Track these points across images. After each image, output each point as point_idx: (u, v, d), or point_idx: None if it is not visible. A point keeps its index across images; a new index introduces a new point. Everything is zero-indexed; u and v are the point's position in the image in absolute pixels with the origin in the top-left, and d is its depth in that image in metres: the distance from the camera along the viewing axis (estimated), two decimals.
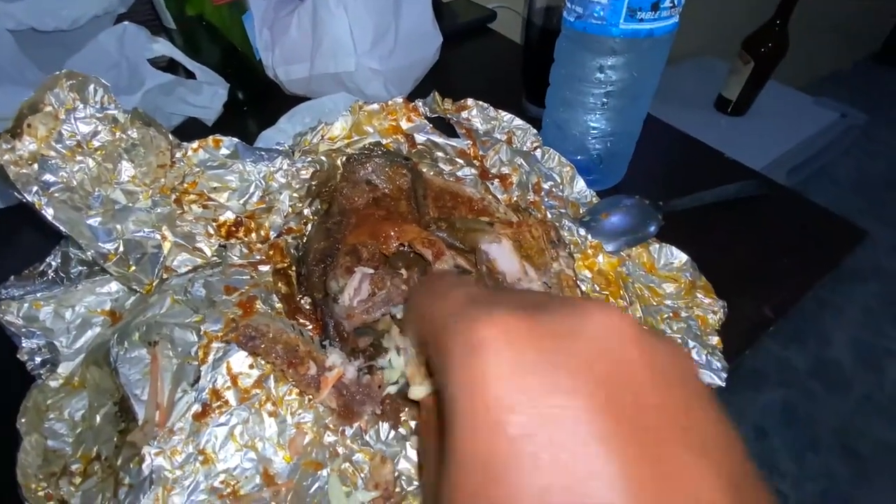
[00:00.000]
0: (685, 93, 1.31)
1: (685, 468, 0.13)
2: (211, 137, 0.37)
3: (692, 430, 0.13)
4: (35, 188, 0.30)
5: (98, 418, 0.31)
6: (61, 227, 0.30)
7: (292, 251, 0.40)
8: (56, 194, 0.31)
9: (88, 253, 0.31)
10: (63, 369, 0.33)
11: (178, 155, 0.35)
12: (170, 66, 0.59)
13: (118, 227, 0.32)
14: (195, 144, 0.36)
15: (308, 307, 0.38)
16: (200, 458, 0.27)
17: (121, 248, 0.32)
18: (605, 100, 0.43)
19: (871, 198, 1.88)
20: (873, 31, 2.29)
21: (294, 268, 0.40)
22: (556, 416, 0.13)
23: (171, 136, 0.34)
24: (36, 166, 0.30)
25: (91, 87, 0.32)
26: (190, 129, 0.58)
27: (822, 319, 1.54)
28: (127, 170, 0.33)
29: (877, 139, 2.03)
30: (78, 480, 0.29)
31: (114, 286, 0.36)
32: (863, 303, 1.56)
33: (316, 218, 0.43)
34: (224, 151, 0.37)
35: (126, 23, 0.54)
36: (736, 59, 1.24)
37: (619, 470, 0.12)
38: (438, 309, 0.18)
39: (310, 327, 0.37)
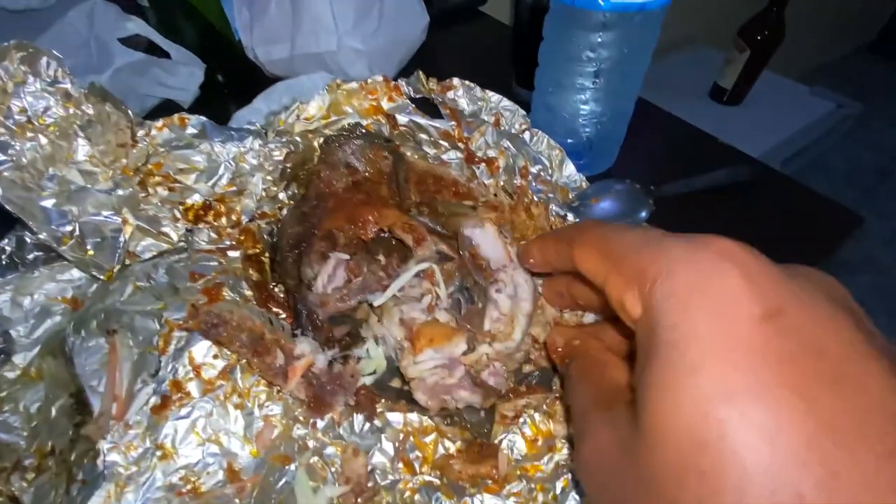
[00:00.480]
0: (680, 82, 1.29)
1: None
2: (176, 115, 0.34)
3: None
4: None
5: (54, 411, 0.29)
6: (10, 208, 0.28)
7: (266, 237, 0.38)
8: (5, 173, 0.28)
9: (41, 236, 0.29)
10: (20, 360, 0.31)
11: (141, 134, 0.33)
12: (148, 49, 0.57)
13: (74, 209, 0.30)
14: (159, 123, 0.34)
15: (282, 295, 0.37)
16: (158, 453, 0.26)
17: (77, 232, 0.30)
18: (595, 79, 0.42)
19: (865, 188, 1.87)
20: (869, 20, 2.28)
21: (267, 254, 0.38)
22: (815, 319, 0.13)
23: (130, 114, 0.32)
24: None
25: (43, 60, 0.30)
26: (165, 112, 0.56)
27: None
28: (83, 148, 0.31)
29: (871, 129, 2.03)
30: (31, 476, 0.27)
31: (75, 273, 0.34)
32: (855, 294, 1.55)
33: (292, 203, 0.41)
34: (191, 130, 0.35)
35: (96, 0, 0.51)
36: (731, 48, 1.22)
37: (890, 374, 0.12)
38: (631, 234, 0.17)
39: (283, 316, 0.36)
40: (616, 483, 0.15)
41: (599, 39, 0.39)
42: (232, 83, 0.61)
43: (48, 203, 0.30)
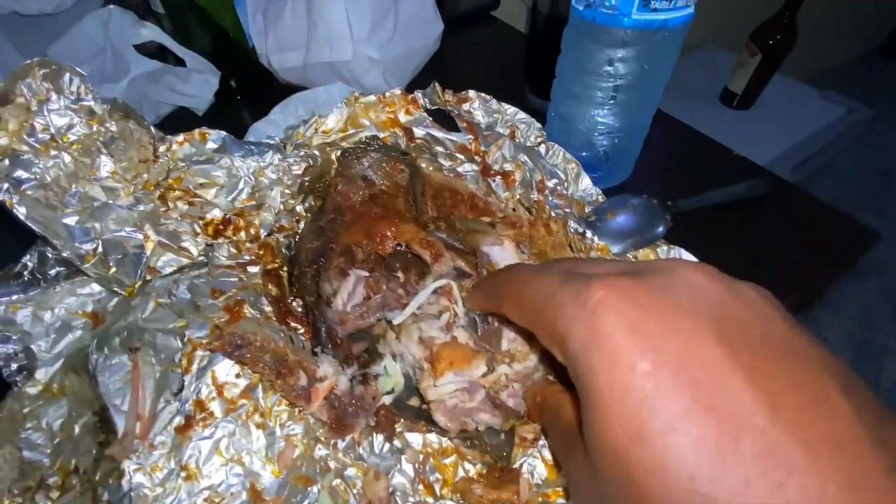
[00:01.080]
0: (690, 85, 1.29)
1: (810, 379, 0.14)
2: (197, 131, 0.34)
3: (803, 350, 0.15)
4: (6, 185, 0.28)
5: (77, 429, 0.29)
6: (34, 227, 0.28)
7: (284, 251, 0.38)
8: (29, 192, 0.29)
9: (65, 254, 0.29)
10: (42, 375, 0.32)
11: (161, 149, 0.33)
12: (159, 54, 0.57)
13: (97, 225, 0.30)
14: (180, 138, 0.34)
15: (300, 310, 0.37)
16: (183, 473, 0.26)
17: (100, 249, 0.30)
18: (613, 94, 0.41)
19: (873, 192, 1.86)
20: (880, 23, 2.26)
21: (286, 268, 0.38)
22: (685, 350, 0.15)
23: (153, 129, 0.32)
24: (7, 162, 0.28)
25: (66, 77, 0.30)
26: (179, 119, 0.56)
27: (819, 316, 1.53)
28: (106, 165, 0.31)
29: (881, 133, 2.01)
30: (55, 495, 0.27)
31: (95, 287, 0.34)
32: (860, 299, 1.55)
33: (309, 215, 0.41)
34: (211, 145, 0.35)
35: (111, 6, 0.51)
36: (743, 51, 1.21)
37: (754, 387, 0.14)
38: (538, 286, 0.19)
39: (301, 331, 0.36)
40: None
41: (619, 55, 0.39)
42: (246, 90, 0.61)
43: (71, 220, 0.30)
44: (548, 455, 0.29)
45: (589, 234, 0.38)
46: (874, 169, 1.96)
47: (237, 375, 0.29)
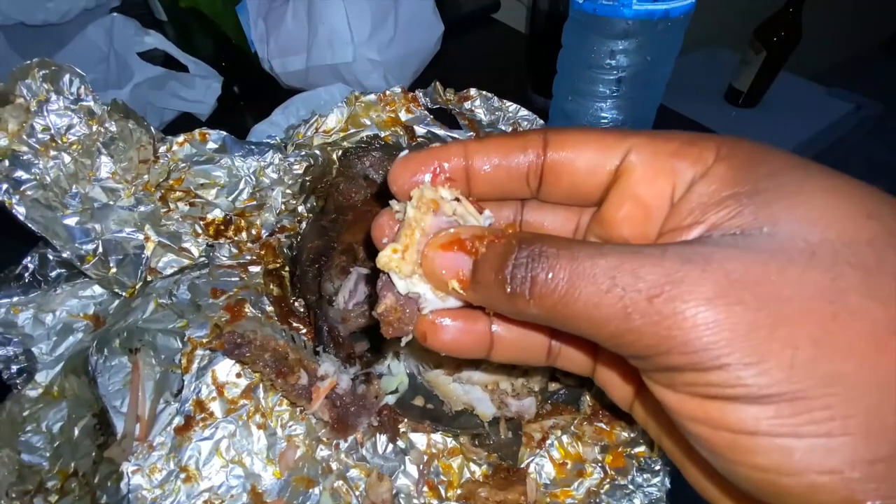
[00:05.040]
0: (694, 84, 1.28)
1: None
2: (197, 131, 0.34)
3: None
4: (5, 186, 0.28)
5: (76, 431, 0.29)
6: (34, 228, 0.28)
7: (285, 251, 0.38)
8: (29, 192, 0.29)
9: (65, 254, 0.29)
10: (42, 378, 0.31)
11: (162, 149, 0.33)
12: (165, 64, 0.57)
13: (97, 226, 0.30)
14: (180, 138, 0.34)
15: (302, 310, 0.36)
16: (182, 475, 0.25)
17: (100, 249, 0.30)
18: (615, 87, 0.41)
19: (886, 189, 1.83)
20: (885, 18, 2.24)
21: (287, 268, 0.38)
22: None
23: (153, 130, 0.32)
24: (6, 162, 0.28)
25: (66, 78, 0.30)
26: (183, 125, 0.56)
27: None
28: (106, 165, 0.31)
29: (891, 130, 1.98)
30: (54, 498, 0.27)
31: (97, 289, 0.34)
32: None
33: (311, 216, 0.41)
34: (211, 146, 0.35)
35: (114, 14, 0.52)
36: (747, 49, 1.20)
37: None
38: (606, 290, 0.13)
39: (304, 331, 0.35)
40: None
41: (621, 47, 0.38)
42: (248, 95, 0.61)
43: (71, 221, 0.30)
44: (556, 454, 0.28)
45: None
46: (885, 166, 1.93)
47: (238, 375, 0.28)
